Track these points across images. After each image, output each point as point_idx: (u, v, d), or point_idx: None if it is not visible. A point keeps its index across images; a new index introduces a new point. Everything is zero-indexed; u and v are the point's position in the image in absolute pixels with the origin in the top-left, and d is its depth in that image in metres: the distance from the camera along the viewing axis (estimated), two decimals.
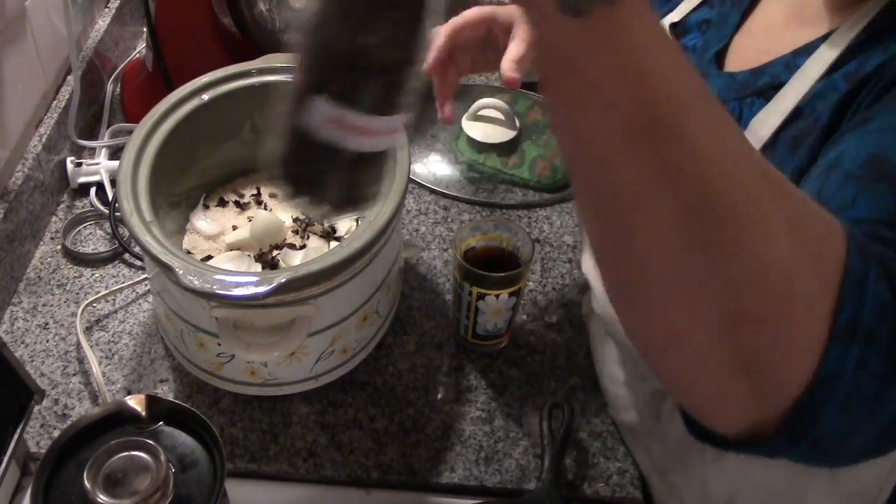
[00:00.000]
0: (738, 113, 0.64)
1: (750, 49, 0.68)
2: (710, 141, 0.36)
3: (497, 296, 0.83)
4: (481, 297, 0.83)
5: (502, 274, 0.81)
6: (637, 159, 0.36)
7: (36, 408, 0.74)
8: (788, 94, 0.61)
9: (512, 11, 0.81)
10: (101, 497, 0.56)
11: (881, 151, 0.47)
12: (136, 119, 0.88)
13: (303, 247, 0.85)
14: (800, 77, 0.60)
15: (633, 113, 0.35)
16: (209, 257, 0.85)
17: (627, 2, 0.33)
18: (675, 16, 0.77)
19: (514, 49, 0.77)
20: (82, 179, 1.04)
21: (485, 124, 1.14)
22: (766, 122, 0.61)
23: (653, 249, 0.38)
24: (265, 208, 0.91)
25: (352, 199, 0.42)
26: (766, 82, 0.63)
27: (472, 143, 1.13)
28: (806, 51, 0.61)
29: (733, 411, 0.43)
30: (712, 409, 0.44)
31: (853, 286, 0.40)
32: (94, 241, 1.00)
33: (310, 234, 0.87)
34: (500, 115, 1.14)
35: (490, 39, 0.82)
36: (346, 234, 0.88)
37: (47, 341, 0.89)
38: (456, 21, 0.82)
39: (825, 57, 0.59)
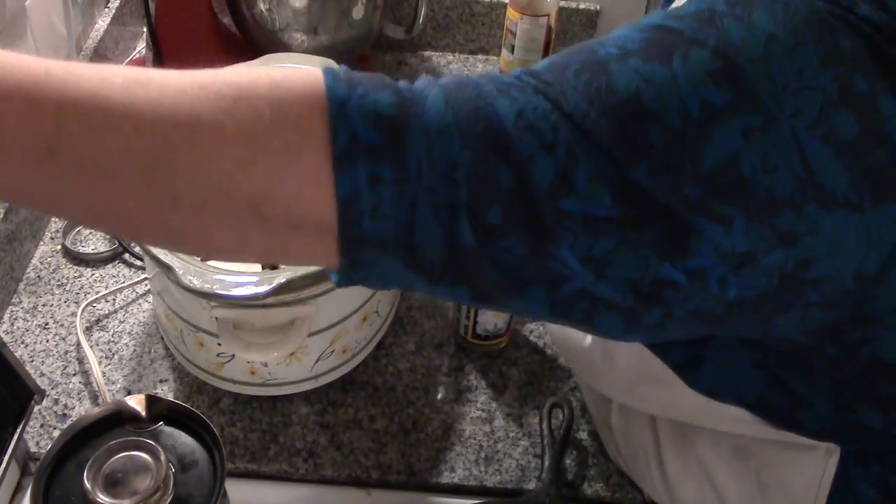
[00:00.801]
0: None
1: None
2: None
3: None
4: None
5: None
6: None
7: (36, 408, 0.73)
8: None
9: None
10: (101, 497, 0.56)
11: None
12: None
13: None
14: None
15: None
16: None
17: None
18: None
19: None
20: None
21: None
22: None
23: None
24: None
25: None
26: None
27: None
28: None
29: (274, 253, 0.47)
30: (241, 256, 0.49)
31: (336, 114, 0.42)
32: (94, 241, 1.00)
33: None
34: None
35: None
36: None
37: (47, 341, 0.89)
38: None
39: None
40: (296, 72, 0.44)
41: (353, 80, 0.44)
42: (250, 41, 1.13)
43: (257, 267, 0.83)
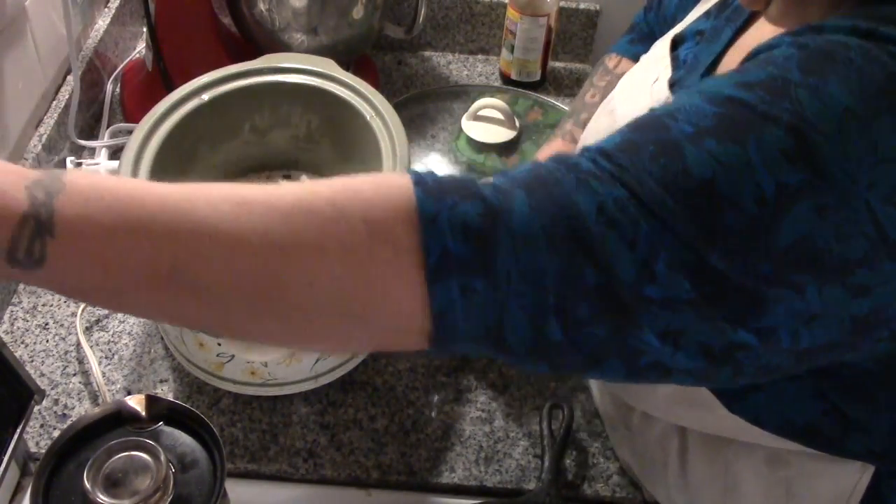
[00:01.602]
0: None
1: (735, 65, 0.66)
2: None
3: None
4: None
5: None
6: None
7: (36, 408, 0.73)
8: None
9: None
10: (101, 497, 0.56)
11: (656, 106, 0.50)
12: (136, 119, 0.88)
13: None
14: None
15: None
16: None
17: (62, 223, 0.42)
18: (680, 26, 0.75)
19: None
20: None
21: (485, 124, 1.14)
22: None
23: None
24: None
25: None
26: None
27: (472, 143, 1.13)
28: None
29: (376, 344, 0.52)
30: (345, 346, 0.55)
31: (428, 230, 0.44)
32: None
33: None
34: (500, 115, 1.14)
35: None
36: None
37: (47, 341, 0.89)
38: None
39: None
40: (386, 185, 0.47)
41: (441, 189, 0.46)
42: (250, 41, 1.13)
43: None
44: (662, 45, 0.73)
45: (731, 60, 0.66)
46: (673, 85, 0.68)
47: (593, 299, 0.45)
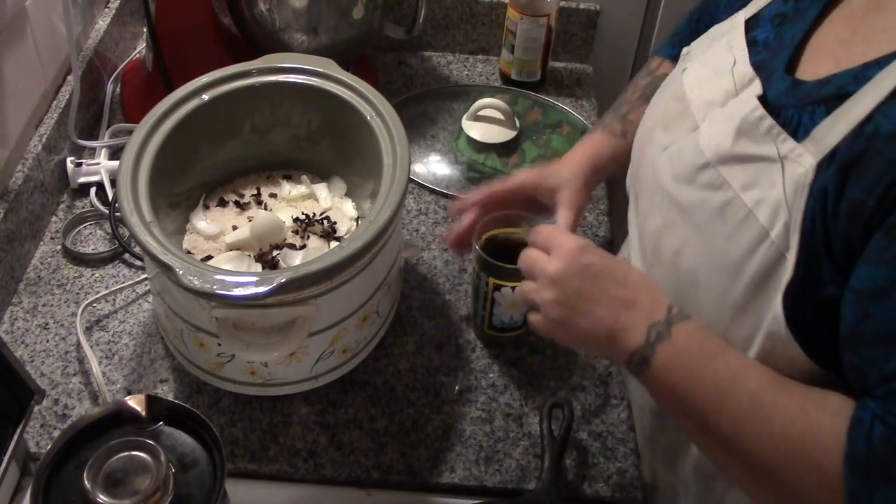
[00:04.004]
0: (797, 120, 0.61)
1: (824, 57, 0.65)
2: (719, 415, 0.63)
3: (513, 287, 0.83)
4: (497, 288, 0.84)
5: (518, 266, 0.81)
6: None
7: (36, 408, 0.73)
8: (856, 105, 0.58)
9: (556, 176, 0.88)
10: (101, 497, 0.56)
11: None
12: (136, 119, 0.88)
13: (303, 247, 0.85)
14: (869, 90, 0.57)
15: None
16: (209, 257, 0.85)
17: (655, 363, 0.65)
18: (750, 10, 0.74)
19: (564, 218, 0.84)
20: (82, 179, 1.04)
21: (485, 124, 1.14)
22: (830, 131, 0.58)
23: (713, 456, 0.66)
24: (265, 208, 0.91)
25: None
26: (831, 91, 0.60)
27: (472, 143, 1.13)
28: (878, 63, 0.58)
29: None
30: None
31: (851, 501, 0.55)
32: (94, 241, 1.00)
33: (310, 234, 0.87)
34: (500, 115, 1.14)
35: (534, 199, 0.89)
36: (346, 234, 0.88)
37: (47, 341, 0.89)
38: (496, 189, 0.88)
39: None
40: (833, 445, 0.56)
41: (872, 469, 0.54)
42: (250, 41, 1.13)
43: (257, 267, 0.83)
44: (733, 32, 0.73)
45: (822, 41, 0.65)
46: (758, 67, 0.67)
47: None
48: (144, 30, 1.17)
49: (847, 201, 0.56)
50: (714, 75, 0.71)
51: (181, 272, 0.68)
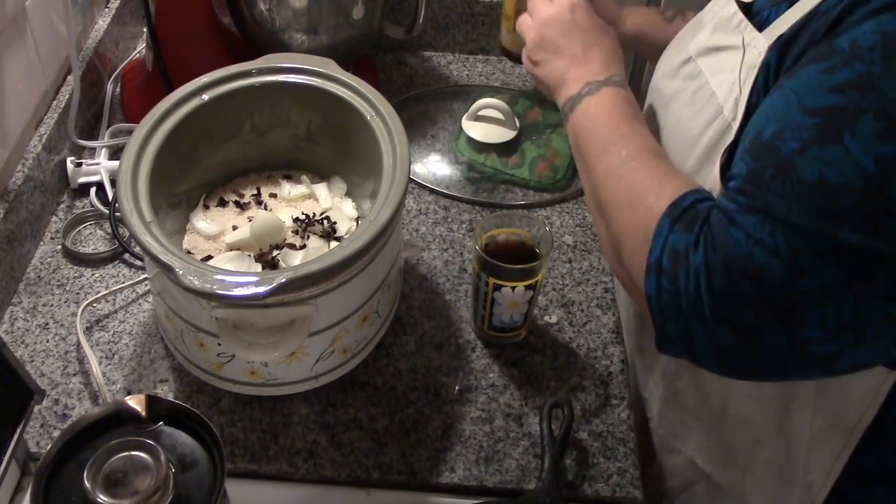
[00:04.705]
0: (765, 16, 0.69)
1: None
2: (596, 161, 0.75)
3: (513, 288, 0.83)
4: (497, 288, 0.84)
5: (518, 266, 0.82)
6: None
7: (36, 408, 0.73)
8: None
9: None
10: (101, 497, 0.56)
11: (763, 125, 0.61)
12: (136, 119, 0.88)
13: (303, 247, 0.85)
14: None
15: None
16: (209, 257, 0.84)
17: (576, 112, 0.78)
18: None
19: None
20: (82, 179, 1.04)
21: (485, 124, 1.14)
22: (786, 20, 0.65)
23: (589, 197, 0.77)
24: (265, 208, 0.91)
25: None
26: None
27: (472, 143, 1.13)
28: None
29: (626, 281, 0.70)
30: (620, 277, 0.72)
31: (656, 239, 0.64)
32: (94, 241, 1.00)
33: (310, 234, 0.87)
34: (500, 115, 1.14)
35: None
36: (346, 234, 0.88)
37: (47, 341, 0.89)
38: None
39: None
40: (663, 201, 0.67)
41: (683, 219, 0.64)
42: (250, 41, 1.13)
43: (257, 267, 0.83)
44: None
45: None
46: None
47: (756, 306, 0.58)
48: (144, 30, 1.17)
49: (783, 73, 0.64)
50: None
51: (181, 272, 0.68)
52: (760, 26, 0.69)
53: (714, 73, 0.72)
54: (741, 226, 0.59)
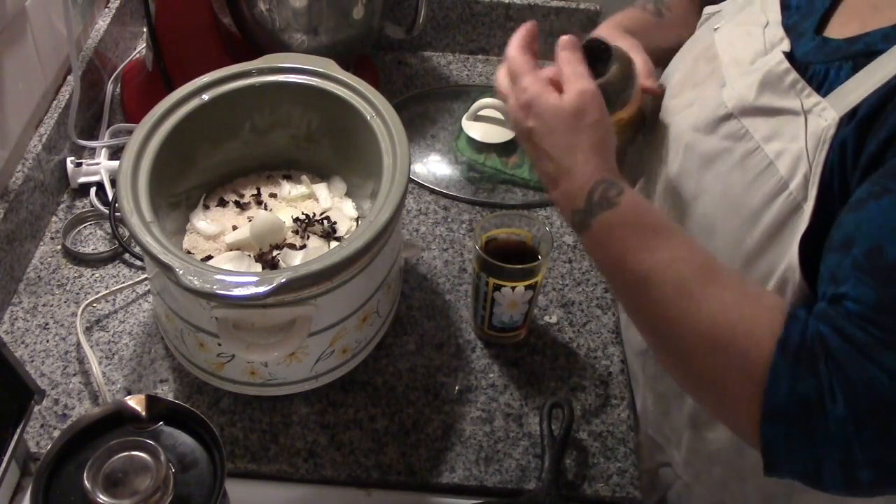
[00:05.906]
0: (822, 76, 0.63)
1: (852, 19, 0.66)
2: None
3: (513, 288, 0.83)
4: (497, 288, 0.84)
5: (518, 266, 0.82)
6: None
7: (36, 408, 0.73)
8: (884, 63, 0.58)
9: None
10: (101, 497, 0.56)
11: (881, 241, 0.54)
12: (136, 119, 0.88)
13: (303, 247, 0.85)
14: None
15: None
16: (209, 257, 0.85)
17: (593, 229, 0.65)
18: None
19: (642, 62, 0.80)
20: (82, 179, 1.04)
21: (485, 124, 1.14)
22: (856, 87, 0.60)
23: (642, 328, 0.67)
24: (265, 208, 0.91)
25: None
26: (860, 49, 0.61)
27: (472, 143, 1.13)
28: None
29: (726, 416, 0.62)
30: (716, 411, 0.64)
31: (774, 386, 0.56)
32: (94, 241, 1.00)
33: (310, 234, 0.87)
34: (500, 115, 1.14)
35: None
36: (346, 234, 0.88)
37: (47, 341, 0.89)
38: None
39: None
40: (764, 336, 0.57)
41: (800, 357, 0.55)
42: (250, 41, 1.13)
43: (257, 267, 0.83)
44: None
45: (852, 5, 0.66)
46: (789, 29, 0.68)
47: None
48: (144, 30, 1.17)
49: (865, 156, 0.57)
50: (746, 36, 0.72)
51: (181, 272, 0.68)
52: (818, 87, 0.63)
53: (768, 139, 0.65)
54: (879, 363, 0.53)
